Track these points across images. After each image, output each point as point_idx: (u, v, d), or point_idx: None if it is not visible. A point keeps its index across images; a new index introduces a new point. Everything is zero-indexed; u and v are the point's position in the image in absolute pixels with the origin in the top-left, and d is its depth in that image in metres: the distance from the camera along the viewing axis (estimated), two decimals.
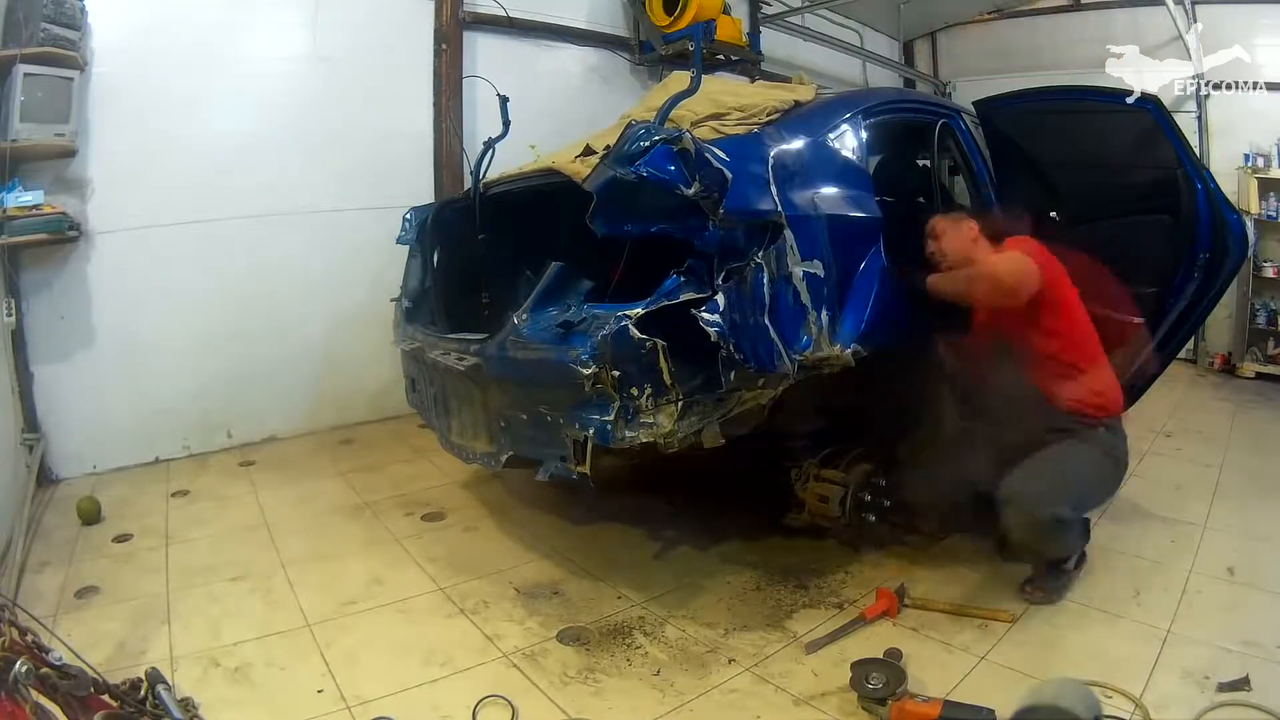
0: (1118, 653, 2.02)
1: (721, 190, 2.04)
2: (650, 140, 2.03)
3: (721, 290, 2.04)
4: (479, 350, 2.42)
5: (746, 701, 1.93)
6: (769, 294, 2.13)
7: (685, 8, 5.17)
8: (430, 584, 2.59)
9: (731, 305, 2.04)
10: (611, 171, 2.07)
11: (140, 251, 3.74)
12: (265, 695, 1.98)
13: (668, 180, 2.00)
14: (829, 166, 2.57)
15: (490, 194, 3.06)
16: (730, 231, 2.10)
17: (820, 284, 2.30)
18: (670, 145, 2.02)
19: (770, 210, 2.21)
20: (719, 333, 2.00)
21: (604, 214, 2.09)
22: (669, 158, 2.01)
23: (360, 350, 4.31)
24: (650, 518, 3.02)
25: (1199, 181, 2.77)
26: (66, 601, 2.46)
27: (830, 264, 2.34)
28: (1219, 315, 4.95)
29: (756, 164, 2.30)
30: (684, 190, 2.00)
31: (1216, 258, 2.80)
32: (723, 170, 2.06)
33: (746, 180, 2.20)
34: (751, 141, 2.41)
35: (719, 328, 2.00)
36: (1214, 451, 3.71)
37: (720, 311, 2.01)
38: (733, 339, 2.03)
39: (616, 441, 2.04)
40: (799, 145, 2.48)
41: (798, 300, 2.24)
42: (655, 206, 2.07)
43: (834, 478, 2.60)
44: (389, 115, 4.52)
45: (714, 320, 2.00)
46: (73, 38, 3.32)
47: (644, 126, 2.09)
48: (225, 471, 3.78)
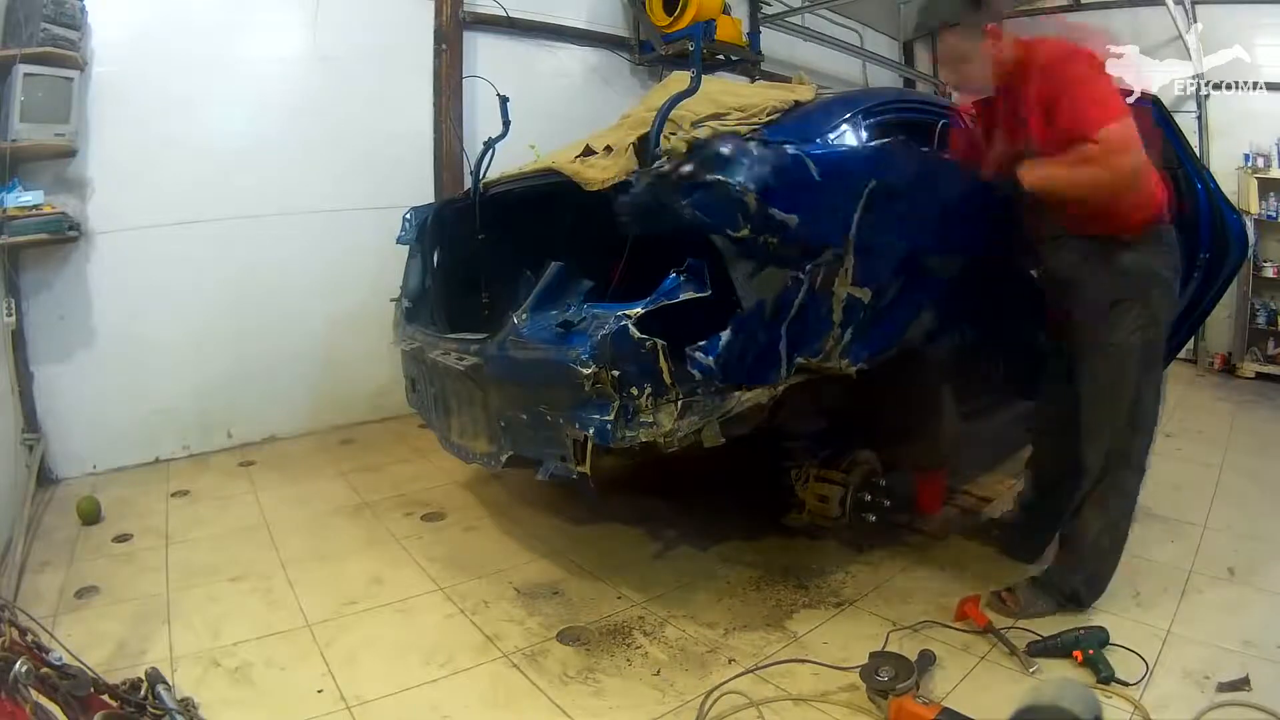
0: (1117, 652, 2.02)
1: (779, 234, 1.95)
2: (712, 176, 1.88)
3: (732, 326, 1.97)
4: (479, 350, 2.42)
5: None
6: (799, 304, 2.07)
7: (685, 8, 5.17)
8: (430, 584, 2.59)
9: (739, 337, 1.98)
10: (654, 195, 1.98)
11: (140, 251, 3.74)
12: (265, 695, 1.98)
13: (714, 225, 1.92)
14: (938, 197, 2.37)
15: (490, 194, 3.06)
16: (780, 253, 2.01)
17: (860, 309, 2.21)
18: (732, 192, 1.88)
19: (839, 240, 2.10)
20: (705, 374, 1.95)
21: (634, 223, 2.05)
22: (725, 204, 1.90)
23: (360, 350, 4.31)
24: (650, 518, 3.01)
25: (1199, 181, 2.78)
26: (66, 601, 2.46)
27: (882, 295, 2.25)
28: (1219, 315, 4.94)
29: (852, 191, 2.11)
30: (730, 234, 1.92)
31: (1217, 258, 2.80)
32: (786, 221, 1.94)
33: (826, 210, 2.06)
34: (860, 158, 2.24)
35: (709, 371, 1.95)
36: (1214, 451, 3.71)
37: (717, 353, 1.95)
38: (720, 375, 1.98)
39: (616, 441, 2.03)
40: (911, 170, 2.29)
41: (827, 316, 2.17)
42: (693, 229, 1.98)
43: (834, 478, 2.60)
44: (389, 115, 4.52)
45: (706, 364, 1.95)
46: (73, 38, 3.31)
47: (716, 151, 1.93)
48: (225, 471, 3.78)
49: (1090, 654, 1.95)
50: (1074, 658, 1.97)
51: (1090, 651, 1.95)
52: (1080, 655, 1.96)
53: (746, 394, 2.16)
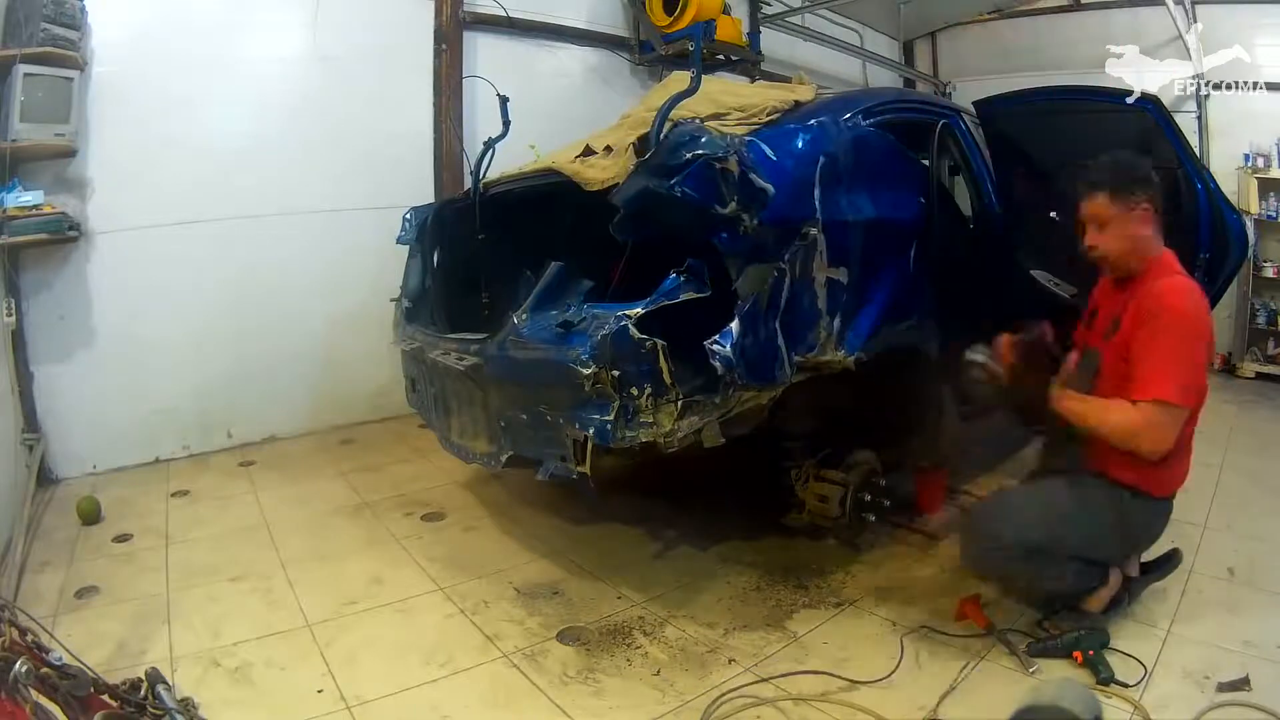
0: (1117, 653, 2.01)
1: (760, 206, 2.00)
2: (692, 153, 1.96)
3: (738, 316, 2.00)
4: (479, 350, 2.42)
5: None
6: (785, 298, 2.11)
7: (685, 8, 5.17)
8: (430, 584, 2.59)
9: (745, 330, 2.01)
10: (645, 183, 2.02)
11: (140, 251, 3.74)
12: (265, 695, 1.98)
13: (703, 201, 1.96)
14: (879, 165, 2.48)
15: (490, 194, 3.06)
16: (760, 239, 2.05)
17: (840, 291, 2.27)
18: (713, 163, 1.95)
19: (809, 217, 2.16)
20: (726, 365, 1.98)
21: (631, 222, 2.07)
22: (709, 177, 1.95)
23: (360, 350, 4.31)
24: (650, 518, 3.01)
25: (1199, 181, 2.76)
26: (66, 601, 2.46)
27: (855, 270, 2.30)
28: (1219, 315, 4.92)
29: (806, 165, 2.23)
30: (719, 210, 1.97)
31: (1217, 258, 2.79)
32: (765, 189, 2.01)
33: (790, 186, 2.14)
34: (805, 138, 2.32)
35: (729, 362, 1.98)
36: (1214, 451, 3.70)
37: (732, 342, 1.98)
38: (740, 366, 2.01)
39: (616, 441, 2.03)
40: (848, 140, 2.40)
41: (814, 305, 2.21)
42: (685, 217, 2.02)
43: (834, 478, 2.60)
44: (389, 115, 4.52)
45: (725, 354, 1.98)
46: (73, 38, 3.31)
47: (689, 134, 2.02)
48: (225, 471, 3.78)
49: (1090, 655, 1.95)
50: (1074, 658, 1.97)
51: (1090, 652, 1.95)
52: (1080, 656, 1.96)
53: (747, 394, 2.16)
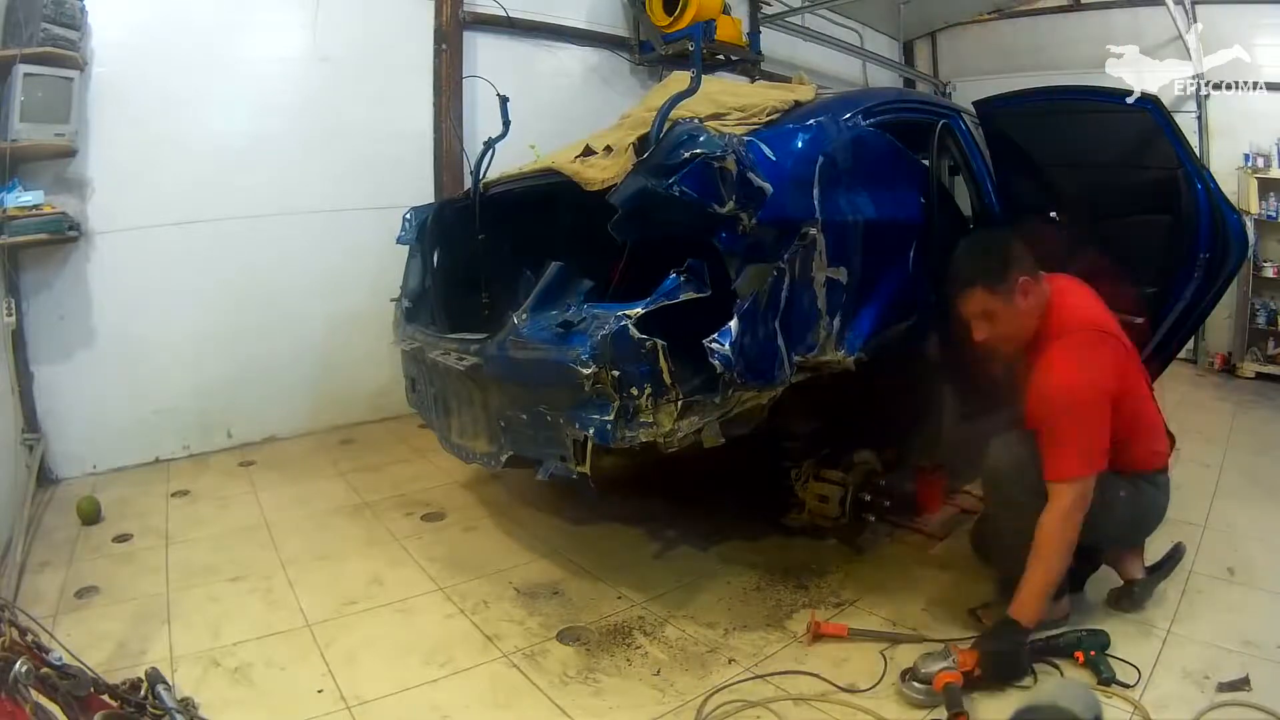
0: (1117, 652, 2.02)
1: (759, 205, 2.00)
2: (690, 152, 1.96)
3: (736, 314, 2.00)
4: (479, 350, 2.42)
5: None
6: (785, 298, 2.11)
7: (685, 8, 5.17)
8: (430, 584, 2.59)
9: (744, 329, 2.01)
10: (643, 183, 2.02)
11: (140, 251, 3.74)
12: (265, 695, 1.98)
13: (701, 200, 1.96)
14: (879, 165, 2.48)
15: (490, 194, 3.06)
16: (759, 238, 2.05)
17: (840, 291, 2.27)
18: (711, 162, 1.95)
19: (808, 217, 2.16)
20: (725, 363, 1.98)
21: (630, 222, 2.07)
22: (707, 176, 1.95)
23: (360, 350, 4.31)
24: (650, 518, 3.01)
25: (1199, 181, 2.77)
26: (66, 601, 2.46)
27: (855, 270, 2.30)
28: (1219, 315, 4.94)
29: (805, 165, 2.23)
30: (717, 209, 1.97)
31: (1217, 258, 2.79)
32: (763, 188, 2.01)
33: (789, 186, 2.14)
34: (804, 138, 2.32)
35: (727, 360, 1.98)
36: (1214, 451, 3.70)
37: (731, 341, 1.98)
38: (739, 365, 2.01)
39: (616, 441, 2.03)
40: (847, 140, 2.40)
41: (813, 305, 2.21)
42: (684, 216, 2.03)
43: (834, 478, 2.60)
44: (389, 115, 4.52)
45: (724, 353, 1.98)
46: (73, 38, 3.31)
47: (687, 133, 2.02)
48: (225, 471, 3.78)
49: (1091, 655, 1.95)
50: (1074, 659, 1.97)
51: (1091, 653, 1.95)
52: (1081, 656, 1.96)
53: (747, 394, 2.16)
